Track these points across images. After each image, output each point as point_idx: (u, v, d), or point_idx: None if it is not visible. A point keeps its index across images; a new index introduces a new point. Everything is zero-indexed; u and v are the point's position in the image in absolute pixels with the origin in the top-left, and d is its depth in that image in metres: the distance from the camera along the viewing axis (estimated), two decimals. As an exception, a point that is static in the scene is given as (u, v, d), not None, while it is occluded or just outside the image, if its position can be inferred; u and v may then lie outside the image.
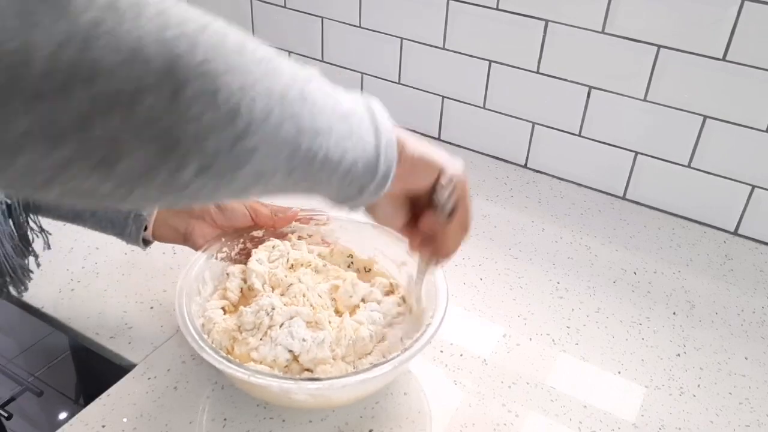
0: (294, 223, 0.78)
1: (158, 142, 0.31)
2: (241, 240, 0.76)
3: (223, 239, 0.74)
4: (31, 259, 0.73)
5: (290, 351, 0.65)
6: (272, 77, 0.36)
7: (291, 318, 0.67)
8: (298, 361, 0.65)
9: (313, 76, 0.40)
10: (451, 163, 0.52)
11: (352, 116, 0.42)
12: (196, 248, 0.73)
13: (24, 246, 0.71)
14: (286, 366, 0.65)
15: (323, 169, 0.40)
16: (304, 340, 0.65)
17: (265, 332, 0.66)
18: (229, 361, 0.60)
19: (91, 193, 0.32)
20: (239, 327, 0.67)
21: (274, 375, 0.62)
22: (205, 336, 0.65)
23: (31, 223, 0.72)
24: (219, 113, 0.33)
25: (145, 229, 0.72)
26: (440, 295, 0.67)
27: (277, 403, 0.68)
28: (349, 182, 0.43)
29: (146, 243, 0.74)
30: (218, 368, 0.60)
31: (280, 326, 0.66)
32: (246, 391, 0.67)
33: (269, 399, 0.67)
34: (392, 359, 0.61)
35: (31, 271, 0.72)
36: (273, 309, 0.67)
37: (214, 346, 0.63)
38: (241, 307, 0.68)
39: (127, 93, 0.30)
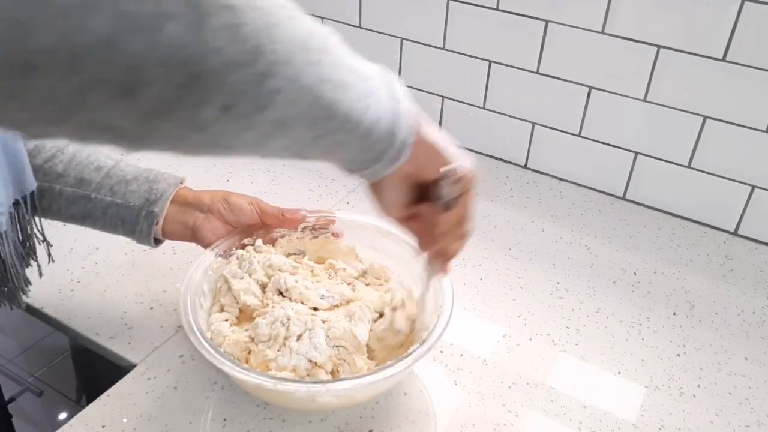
0: (281, 228, 0.78)
1: (180, 72, 0.31)
2: (250, 237, 0.76)
3: (233, 236, 0.74)
4: (33, 267, 0.72)
5: (310, 360, 0.65)
6: (295, 24, 0.35)
7: (310, 329, 0.66)
8: (317, 365, 0.65)
9: (332, 33, 0.40)
10: (462, 157, 0.52)
11: (372, 78, 0.42)
12: (204, 244, 0.73)
13: (28, 255, 0.70)
14: (307, 373, 0.64)
15: (344, 125, 0.40)
16: (338, 352, 0.65)
17: (283, 342, 0.65)
18: (250, 371, 0.60)
19: (109, 128, 0.31)
20: (252, 338, 0.67)
21: (300, 381, 0.62)
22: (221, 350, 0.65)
23: (36, 232, 0.71)
24: (243, 49, 0.32)
25: (156, 223, 0.71)
26: (446, 288, 0.69)
27: (300, 408, 0.67)
28: (369, 144, 0.43)
29: (157, 242, 0.73)
30: (241, 378, 0.60)
31: (298, 337, 0.65)
32: (269, 399, 0.67)
33: (292, 405, 0.67)
34: (413, 352, 0.62)
35: (30, 283, 0.71)
36: (288, 320, 0.66)
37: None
38: (257, 319, 0.67)
39: (151, 16, 0.29)
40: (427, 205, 0.54)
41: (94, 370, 0.84)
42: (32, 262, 0.72)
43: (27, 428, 1.30)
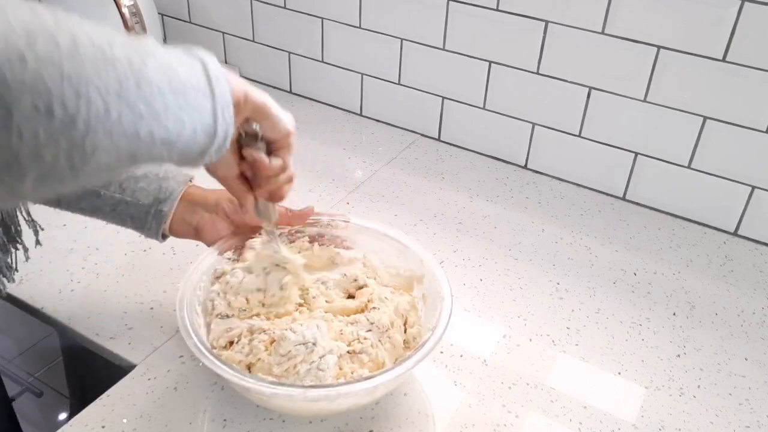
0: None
1: None
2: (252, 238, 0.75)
3: (236, 236, 0.73)
4: (20, 253, 0.72)
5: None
6: (107, 72, 0.37)
7: (325, 355, 0.65)
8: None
9: (148, 53, 0.41)
10: (285, 115, 0.58)
11: (188, 87, 0.44)
12: (208, 243, 0.73)
13: (9, 241, 0.70)
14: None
15: (164, 147, 0.43)
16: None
17: (293, 366, 0.64)
18: (244, 375, 0.60)
19: None
20: (271, 342, 0.66)
21: (296, 385, 0.61)
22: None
23: (22, 215, 0.70)
24: (55, 125, 0.34)
25: (164, 222, 0.71)
26: (444, 289, 0.69)
27: (297, 413, 0.67)
28: (190, 151, 0.46)
29: (164, 237, 0.74)
30: (234, 381, 0.60)
31: (311, 362, 0.64)
32: (265, 405, 0.67)
33: (289, 410, 0.66)
34: (411, 357, 0.61)
35: (16, 270, 0.71)
36: (315, 344, 0.64)
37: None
38: (287, 332, 0.65)
39: None
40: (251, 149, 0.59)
41: (93, 371, 0.84)
42: (15, 248, 0.71)
43: (27, 428, 1.30)
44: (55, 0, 1.32)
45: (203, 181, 0.78)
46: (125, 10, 1.13)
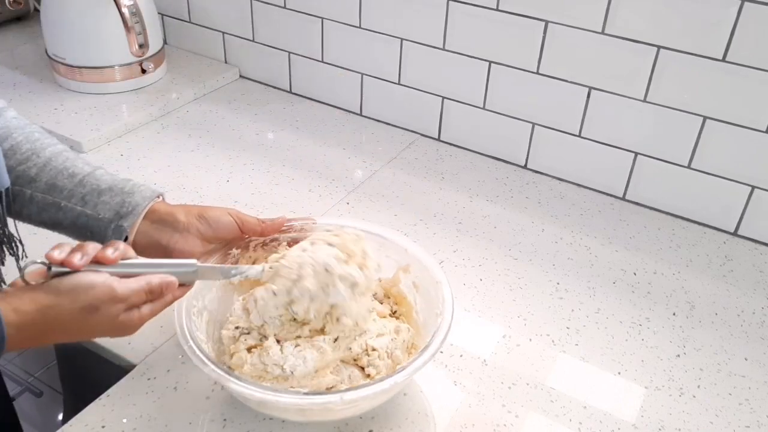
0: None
1: None
2: (230, 253, 0.73)
3: (213, 254, 0.71)
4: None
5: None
6: None
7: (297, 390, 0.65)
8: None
9: None
10: None
11: None
12: None
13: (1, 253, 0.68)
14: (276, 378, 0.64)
15: None
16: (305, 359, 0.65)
17: (265, 372, 0.65)
18: (242, 380, 0.60)
19: None
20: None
21: (295, 392, 0.61)
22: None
23: (11, 230, 0.69)
24: None
25: (126, 239, 0.68)
26: (446, 294, 0.69)
27: (290, 417, 0.67)
28: None
29: None
30: (231, 388, 0.60)
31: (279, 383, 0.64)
32: (259, 408, 0.67)
33: (284, 415, 0.67)
34: (413, 363, 0.61)
35: (5, 283, 0.69)
36: (293, 374, 0.65)
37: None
38: (273, 346, 0.65)
39: None
40: None
41: (93, 370, 0.84)
42: (5, 259, 0.70)
43: (27, 428, 1.30)
44: (55, 1, 1.31)
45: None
46: (125, 10, 1.13)
